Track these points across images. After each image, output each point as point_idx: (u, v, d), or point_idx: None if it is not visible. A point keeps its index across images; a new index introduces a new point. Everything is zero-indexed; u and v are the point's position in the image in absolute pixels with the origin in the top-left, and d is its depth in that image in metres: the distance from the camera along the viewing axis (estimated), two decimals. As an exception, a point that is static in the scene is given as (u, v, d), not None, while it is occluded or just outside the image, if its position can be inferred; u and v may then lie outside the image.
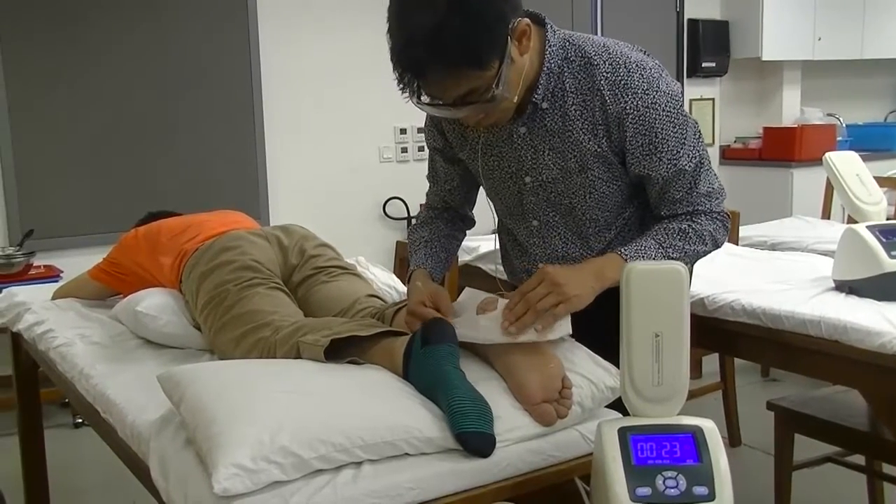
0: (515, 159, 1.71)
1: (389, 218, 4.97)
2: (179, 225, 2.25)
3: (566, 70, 1.62)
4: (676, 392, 1.36)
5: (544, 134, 1.66)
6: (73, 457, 3.47)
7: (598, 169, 1.66)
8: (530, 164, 1.70)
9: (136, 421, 1.60)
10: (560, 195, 1.71)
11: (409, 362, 1.50)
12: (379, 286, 2.23)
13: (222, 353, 1.82)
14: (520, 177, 1.72)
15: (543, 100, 1.63)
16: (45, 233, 4.00)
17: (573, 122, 1.63)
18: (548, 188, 1.71)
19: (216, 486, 1.22)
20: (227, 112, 4.46)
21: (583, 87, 1.62)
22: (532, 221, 1.78)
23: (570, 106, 1.63)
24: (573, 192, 1.70)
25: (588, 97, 1.61)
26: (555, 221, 1.76)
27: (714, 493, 1.25)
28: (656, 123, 1.60)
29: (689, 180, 1.66)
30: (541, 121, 1.65)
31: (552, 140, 1.66)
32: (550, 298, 1.52)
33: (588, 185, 1.68)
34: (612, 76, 1.59)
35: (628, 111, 1.59)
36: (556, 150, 1.66)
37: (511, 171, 1.73)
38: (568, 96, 1.63)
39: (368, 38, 4.81)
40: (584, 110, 1.62)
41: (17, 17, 3.93)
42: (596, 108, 1.61)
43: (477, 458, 1.37)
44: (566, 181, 1.69)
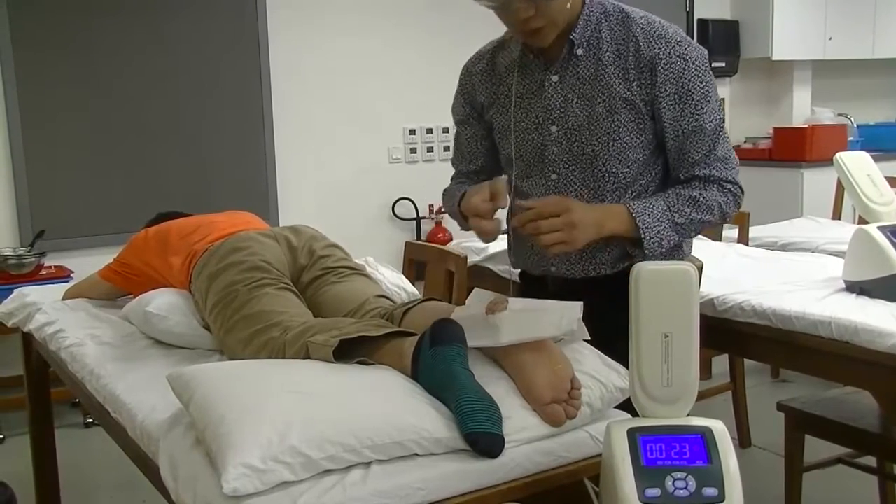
0: (544, 108, 1.76)
1: (398, 218, 4.98)
2: (189, 225, 2.26)
3: (603, 22, 1.72)
4: (686, 393, 1.36)
5: (575, 82, 1.73)
6: (83, 456, 3.49)
7: (625, 115, 1.70)
8: (558, 112, 1.74)
9: (146, 421, 1.60)
10: (583, 143, 1.74)
11: (417, 363, 1.50)
12: (388, 287, 2.24)
13: (232, 353, 1.83)
14: (546, 126, 1.76)
15: (579, 46, 1.71)
16: (55, 233, 4.01)
17: (606, 67, 1.70)
18: (572, 136, 1.74)
19: (225, 485, 1.22)
20: (237, 113, 4.47)
21: (618, 37, 1.70)
22: (551, 175, 1.79)
23: (605, 53, 1.70)
24: (597, 139, 1.72)
25: (622, 45, 1.70)
26: (573, 176, 1.77)
27: (724, 495, 1.24)
28: (685, 73, 1.67)
29: (708, 141, 1.71)
30: (574, 68, 1.72)
31: (583, 87, 1.72)
32: (558, 235, 1.58)
33: (613, 130, 1.71)
34: (647, 27, 1.70)
35: (661, 56, 1.67)
36: (586, 97, 1.72)
37: (538, 120, 1.77)
38: (603, 44, 1.70)
39: (378, 38, 4.82)
40: (617, 57, 1.70)
41: (29, 20, 3.95)
42: (630, 54, 1.69)
43: (486, 458, 1.37)
44: (591, 127, 1.72)
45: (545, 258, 1.83)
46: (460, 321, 1.53)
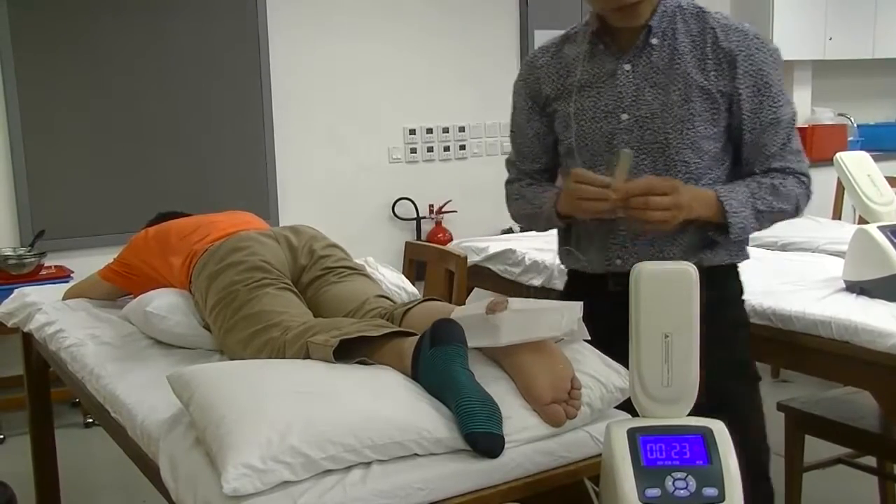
0: (614, 97, 1.75)
1: (398, 218, 4.98)
2: (189, 225, 2.26)
3: (678, 16, 1.73)
4: (686, 393, 1.36)
5: (649, 70, 1.73)
6: (83, 456, 3.49)
7: (700, 103, 1.70)
8: (630, 100, 1.74)
9: (146, 421, 1.60)
10: (655, 132, 1.73)
11: (417, 363, 1.50)
12: (388, 287, 2.24)
13: (232, 353, 1.83)
14: (616, 115, 1.75)
15: (654, 35, 1.72)
16: (56, 233, 4.02)
17: (682, 56, 1.71)
18: (643, 125, 1.73)
19: (225, 486, 1.22)
20: (237, 113, 4.47)
21: (693, 30, 1.72)
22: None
23: (680, 43, 1.71)
24: (670, 127, 1.71)
25: (699, 38, 1.72)
26: (643, 165, 1.74)
27: (724, 495, 1.24)
28: (765, 66, 1.70)
29: (784, 134, 1.72)
30: (647, 57, 1.73)
31: (656, 76, 1.72)
32: (665, 214, 1.59)
33: (687, 118, 1.70)
34: (723, 20, 1.73)
35: (741, 48, 1.69)
36: (659, 85, 1.72)
37: (608, 109, 1.76)
38: (679, 35, 1.72)
39: (378, 38, 4.83)
40: (693, 48, 1.71)
41: (29, 19, 3.95)
42: (707, 45, 1.70)
43: (486, 458, 1.37)
44: (665, 115, 1.71)
45: (611, 252, 1.80)
46: (460, 321, 1.52)
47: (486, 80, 5.14)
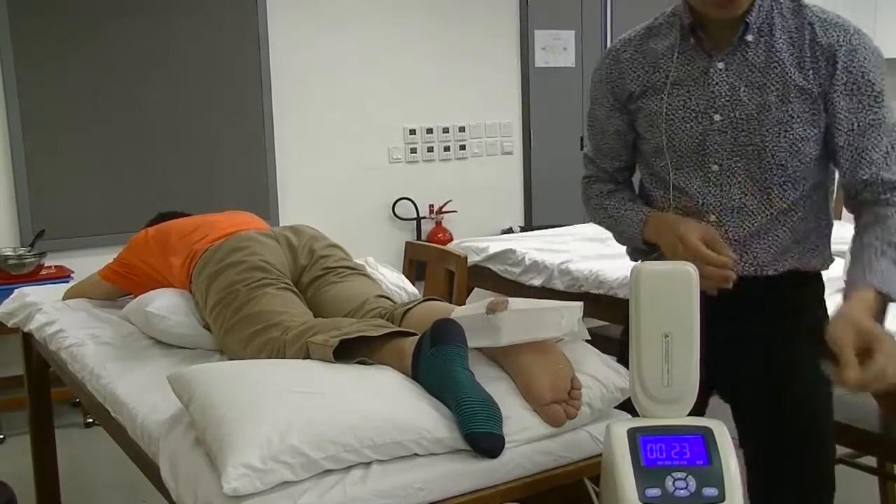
0: (706, 96, 1.65)
1: (398, 218, 4.98)
2: (189, 225, 2.26)
3: (775, 9, 1.62)
4: (686, 393, 1.36)
5: (744, 69, 1.62)
6: (83, 456, 3.49)
7: (799, 104, 1.60)
8: (724, 100, 1.63)
9: (146, 421, 1.60)
10: (751, 134, 1.63)
11: (418, 363, 1.50)
12: (388, 286, 2.23)
13: (232, 353, 1.83)
14: (708, 115, 1.65)
15: (750, 31, 1.61)
16: (56, 233, 4.02)
17: (779, 54, 1.60)
18: (738, 126, 1.63)
19: (226, 486, 1.22)
20: (237, 113, 4.47)
21: (790, 25, 1.61)
22: (712, 166, 1.67)
23: (777, 40, 1.61)
24: (766, 130, 1.61)
25: (796, 34, 1.61)
26: (737, 167, 1.65)
27: (724, 495, 1.24)
28: (866, 63, 1.58)
29: (888, 139, 1.59)
30: (742, 55, 1.62)
31: (752, 75, 1.62)
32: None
33: (786, 121, 1.60)
34: (821, 14, 1.61)
35: (841, 44, 1.57)
36: (755, 85, 1.62)
37: (699, 109, 1.65)
38: (776, 31, 1.61)
39: (378, 38, 4.83)
40: (791, 45, 1.60)
41: (29, 19, 3.95)
42: (805, 42, 1.60)
43: (486, 458, 1.37)
44: (761, 117, 1.61)
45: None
46: (460, 321, 1.53)
47: (487, 80, 5.14)
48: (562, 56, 5.36)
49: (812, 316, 1.72)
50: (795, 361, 1.66)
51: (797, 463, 1.67)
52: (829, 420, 1.72)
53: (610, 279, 2.89)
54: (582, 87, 5.44)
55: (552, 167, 5.35)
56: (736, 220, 1.67)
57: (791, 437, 1.67)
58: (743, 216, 1.66)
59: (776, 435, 1.68)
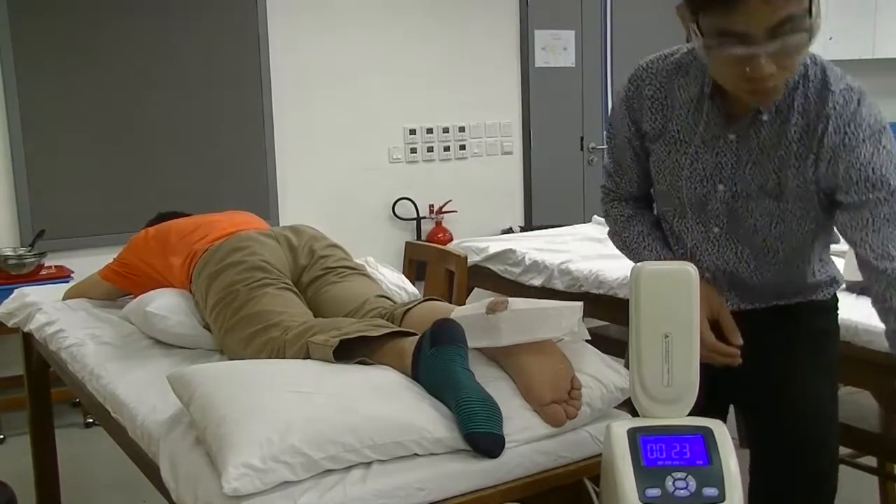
0: (713, 163, 1.58)
1: (399, 218, 4.98)
2: (189, 225, 2.26)
3: (800, 88, 1.51)
4: (686, 393, 1.36)
5: (753, 147, 1.54)
6: (83, 456, 3.49)
7: (794, 202, 1.53)
8: (728, 172, 1.57)
9: (146, 421, 1.60)
10: (748, 213, 1.58)
11: (418, 363, 1.50)
12: (388, 286, 2.24)
13: (232, 353, 1.83)
14: (713, 182, 1.59)
15: (765, 111, 1.51)
16: (56, 233, 4.01)
17: (789, 144, 1.51)
18: (737, 200, 1.58)
19: (226, 485, 1.22)
20: (237, 112, 4.47)
21: (810, 111, 1.50)
22: (713, 228, 1.63)
23: (791, 126, 1.50)
24: (760, 215, 1.57)
25: (812, 122, 1.49)
26: (737, 234, 1.61)
27: (724, 495, 1.24)
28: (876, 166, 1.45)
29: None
30: (755, 132, 1.53)
31: (759, 155, 1.53)
32: None
33: (777, 214, 1.55)
34: (843, 108, 1.48)
35: (852, 146, 1.46)
36: (760, 166, 1.54)
37: (705, 174, 1.59)
38: (793, 115, 1.50)
39: (378, 38, 4.82)
40: (803, 134, 1.50)
41: (29, 19, 3.95)
42: (815, 135, 1.49)
43: (486, 458, 1.37)
44: (758, 201, 1.56)
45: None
46: (461, 321, 1.53)
47: (487, 80, 5.14)
48: (562, 56, 5.36)
49: (814, 323, 1.71)
50: (796, 365, 1.67)
51: (797, 466, 1.66)
52: (830, 424, 1.70)
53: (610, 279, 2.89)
54: (582, 88, 5.44)
55: (552, 167, 5.35)
56: (727, 282, 1.66)
57: (791, 440, 1.66)
58: (734, 279, 1.66)
59: (776, 438, 1.68)
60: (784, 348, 1.67)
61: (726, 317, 1.59)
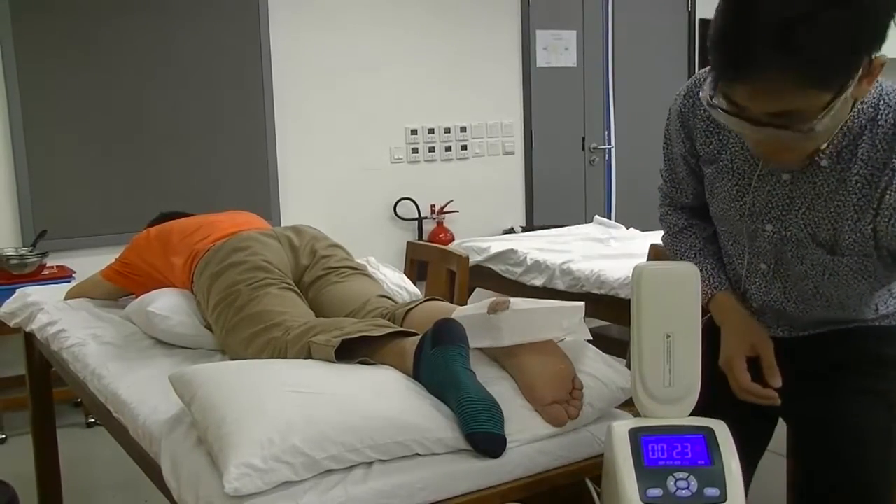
0: (765, 202, 1.45)
1: (400, 219, 4.98)
2: (191, 225, 2.26)
3: (867, 133, 1.34)
4: (688, 393, 1.36)
5: (808, 191, 1.39)
6: (85, 456, 3.49)
7: (850, 258, 1.39)
8: (778, 213, 1.44)
9: (148, 421, 1.60)
10: (798, 259, 1.45)
11: (419, 363, 1.50)
12: (389, 286, 2.24)
13: (233, 353, 1.83)
14: (761, 221, 1.47)
15: (826, 157, 1.36)
16: (57, 233, 4.02)
17: (848, 193, 1.35)
18: (787, 244, 1.45)
19: (227, 485, 1.22)
20: (238, 113, 4.47)
21: (877, 159, 1.33)
22: (760, 264, 1.52)
23: (853, 175, 1.34)
24: (812, 265, 1.44)
25: (878, 171, 1.33)
26: (784, 274, 1.50)
27: (725, 495, 1.24)
28: None
29: None
30: (811, 175, 1.38)
31: (815, 200, 1.39)
32: None
33: (832, 267, 1.42)
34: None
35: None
36: (814, 213, 1.39)
37: (755, 210, 1.47)
38: (856, 163, 1.34)
39: (380, 38, 4.83)
40: (866, 184, 1.33)
41: (31, 19, 3.96)
42: (881, 185, 1.32)
43: (487, 458, 1.37)
44: (809, 249, 1.42)
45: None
46: (462, 321, 1.53)
47: (488, 80, 5.14)
48: (563, 56, 5.36)
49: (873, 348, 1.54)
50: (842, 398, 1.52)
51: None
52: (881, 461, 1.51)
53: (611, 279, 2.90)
54: (583, 88, 5.44)
55: (553, 167, 5.35)
56: (773, 318, 1.56)
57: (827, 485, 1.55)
58: (780, 316, 1.55)
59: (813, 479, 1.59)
60: (828, 376, 1.53)
61: (767, 355, 1.49)
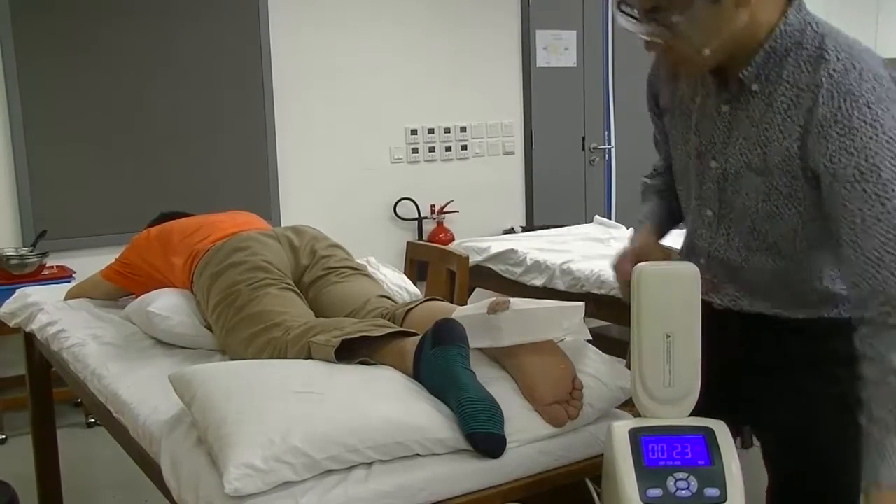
0: (709, 137, 1.52)
1: (400, 219, 4.98)
2: (191, 225, 2.26)
3: (792, 56, 1.39)
4: (688, 393, 1.36)
5: (744, 118, 1.45)
6: (85, 456, 3.49)
7: (779, 177, 1.42)
8: (720, 147, 1.50)
9: (148, 421, 1.60)
10: (736, 192, 1.49)
11: (419, 363, 1.50)
12: (389, 287, 2.24)
13: (233, 353, 1.83)
14: (707, 159, 1.52)
15: (754, 81, 1.42)
16: (58, 233, 4.02)
17: (774, 115, 1.40)
18: (728, 178, 1.50)
19: (227, 486, 1.22)
20: (239, 113, 4.47)
21: (801, 81, 1.37)
22: (706, 210, 1.56)
23: (779, 97, 1.40)
24: (747, 193, 1.47)
25: (803, 93, 1.37)
26: (727, 219, 1.53)
27: (725, 495, 1.24)
28: (872, 144, 1.29)
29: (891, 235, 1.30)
30: (745, 104, 1.45)
31: (749, 129, 1.45)
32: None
33: (765, 191, 1.44)
34: (838, 77, 1.33)
35: (843, 119, 1.31)
36: (749, 141, 1.45)
37: (701, 150, 1.53)
38: (782, 85, 1.39)
39: (380, 38, 4.83)
40: (791, 105, 1.38)
41: (31, 19, 3.96)
42: (803, 107, 1.36)
43: (487, 458, 1.37)
44: (746, 178, 1.47)
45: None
46: (462, 321, 1.53)
47: (488, 80, 5.14)
48: (563, 56, 5.36)
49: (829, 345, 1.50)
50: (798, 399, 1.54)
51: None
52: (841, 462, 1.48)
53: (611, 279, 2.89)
54: (583, 87, 5.44)
55: (554, 167, 5.35)
56: (721, 269, 1.56)
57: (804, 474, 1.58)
58: (726, 268, 1.55)
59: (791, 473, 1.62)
60: (784, 376, 1.53)
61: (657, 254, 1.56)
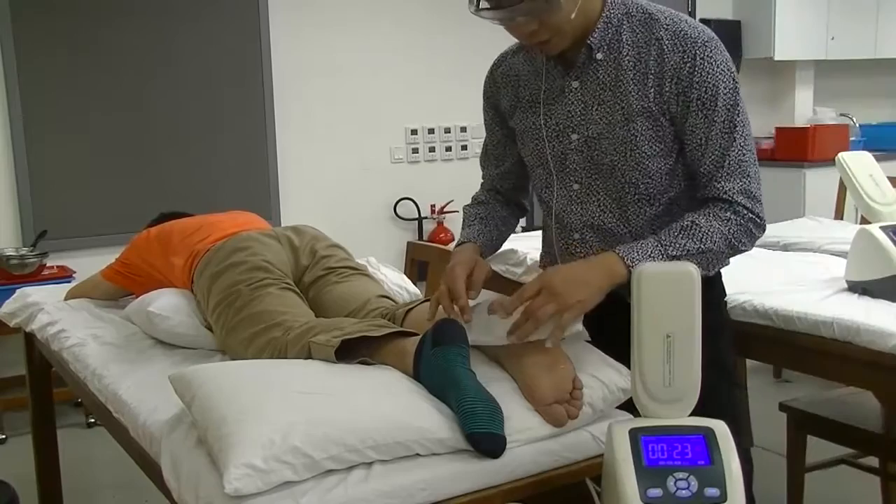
0: (565, 115, 1.68)
1: (400, 219, 4.98)
2: (191, 225, 2.26)
3: (625, 23, 1.62)
4: (688, 393, 1.36)
5: (596, 87, 1.64)
6: (85, 456, 3.49)
7: (642, 122, 1.61)
8: (579, 119, 1.66)
9: (148, 421, 1.60)
10: (603, 153, 1.65)
11: (419, 363, 1.50)
12: (389, 287, 2.24)
13: (234, 353, 1.83)
14: (567, 134, 1.68)
15: (599, 50, 1.62)
16: (58, 233, 4.02)
17: (625, 72, 1.60)
18: (592, 145, 1.66)
19: (227, 486, 1.22)
20: (239, 113, 4.47)
21: (640, 40, 1.60)
22: (573, 185, 1.71)
23: (625, 57, 1.61)
24: (615, 149, 1.64)
25: (643, 49, 1.60)
26: (596, 185, 1.69)
27: (726, 495, 1.24)
28: (710, 77, 1.56)
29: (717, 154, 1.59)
30: (594, 73, 1.64)
31: (603, 94, 1.63)
32: (550, 307, 1.47)
33: (630, 139, 1.62)
34: (672, 27, 1.59)
35: (685, 61, 1.56)
36: (606, 104, 1.63)
37: (559, 128, 1.69)
38: (624, 47, 1.61)
39: (380, 38, 4.83)
40: (637, 62, 1.60)
41: (31, 19, 3.96)
42: (650, 58, 1.59)
43: (487, 458, 1.37)
44: (610, 135, 1.63)
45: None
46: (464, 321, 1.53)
47: (488, 80, 5.14)
48: (563, 56, 5.36)
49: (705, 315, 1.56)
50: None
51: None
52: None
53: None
54: (583, 88, 5.44)
55: (554, 167, 5.34)
56: (598, 237, 1.71)
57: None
58: (603, 233, 1.71)
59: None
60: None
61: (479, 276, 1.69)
